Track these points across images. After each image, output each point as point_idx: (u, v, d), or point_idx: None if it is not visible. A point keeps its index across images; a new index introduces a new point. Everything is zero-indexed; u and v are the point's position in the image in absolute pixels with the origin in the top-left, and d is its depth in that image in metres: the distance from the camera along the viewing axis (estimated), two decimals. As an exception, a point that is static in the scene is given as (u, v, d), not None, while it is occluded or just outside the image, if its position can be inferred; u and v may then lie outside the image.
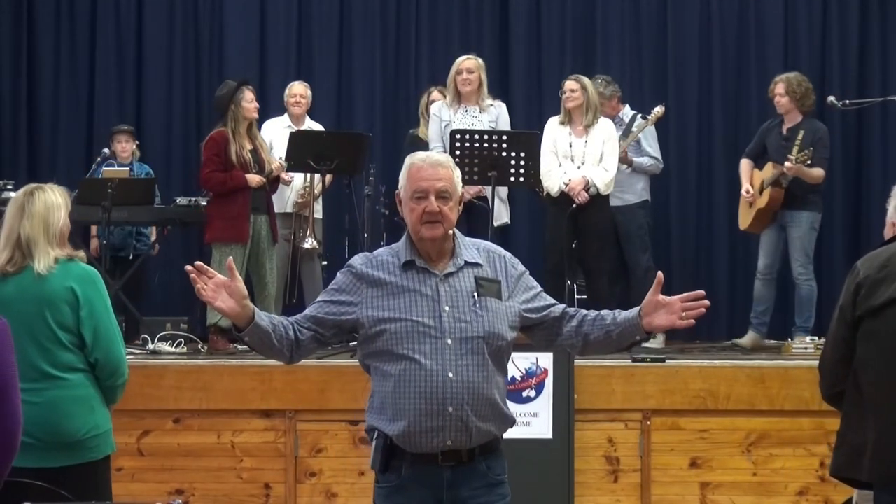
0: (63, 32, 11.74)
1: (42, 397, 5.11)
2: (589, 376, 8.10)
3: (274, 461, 8.15)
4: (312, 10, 11.71)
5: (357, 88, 11.67)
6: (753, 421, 8.13)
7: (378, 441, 4.39)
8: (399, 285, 4.39)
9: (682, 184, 11.30)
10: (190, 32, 11.76)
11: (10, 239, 5.32)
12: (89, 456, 5.29)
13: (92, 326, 5.28)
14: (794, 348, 9.25)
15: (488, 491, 4.43)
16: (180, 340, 9.19)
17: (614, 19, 11.61)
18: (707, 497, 8.15)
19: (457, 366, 4.31)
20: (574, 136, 9.23)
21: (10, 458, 4.72)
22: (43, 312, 5.23)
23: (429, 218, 4.35)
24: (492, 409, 4.38)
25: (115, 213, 9.52)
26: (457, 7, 11.68)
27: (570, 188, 9.13)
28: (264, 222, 9.28)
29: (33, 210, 5.34)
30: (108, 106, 11.64)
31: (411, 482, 4.38)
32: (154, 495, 6.58)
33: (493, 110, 9.41)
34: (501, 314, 4.41)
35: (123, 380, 5.41)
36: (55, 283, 5.27)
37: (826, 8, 11.54)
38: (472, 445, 4.36)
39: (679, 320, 4.41)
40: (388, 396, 4.35)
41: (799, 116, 9.53)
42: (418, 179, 4.39)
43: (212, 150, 9.19)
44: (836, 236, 11.19)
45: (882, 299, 4.27)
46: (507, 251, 4.60)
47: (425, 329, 4.33)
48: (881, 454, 4.25)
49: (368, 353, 4.45)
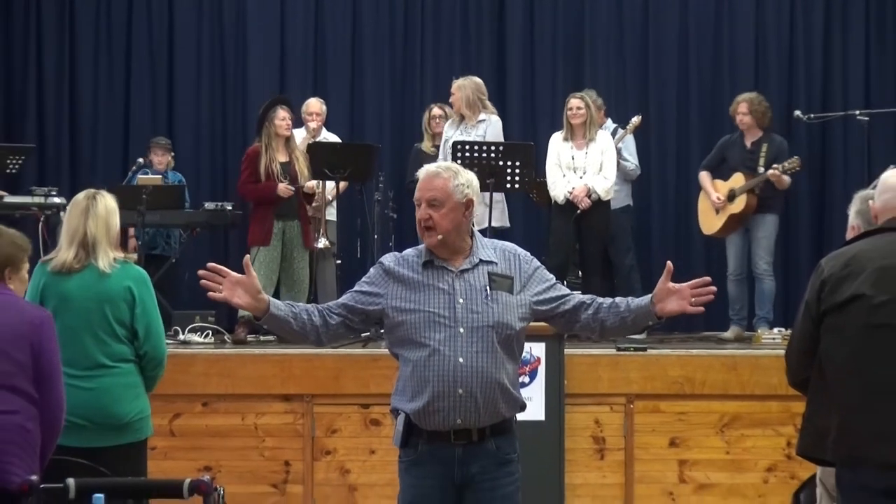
0: (101, 53, 11.73)
1: (96, 384, 5.15)
2: (578, 364, 8.11)
3: (293, 441, 8.15)
4: (327, 34, 11.70)
5: (368, 104, 11.68)
6: (727, 404, 8.13)
7: (399, 419, 4.44)
8: (419, 281, 4.44)
9: (661, 190, 11.32)
10: (216, 52, 11.75)
11: (75, 238, 5.35)
12: (133, 437, 5.36)
13: (145, 323, 5.35)
14: (763, 339, 9.28)
15: (497, 469, 4.45)
16: (208, 332, 9.22)
17: (601, 40, 11.61)
18: (685, 473, 8.15)
19: (467, 352, 4.35)
20: (575, 149, 9.32)
21: (55, 438, 4.75)
22: (103, 308, 5.29)
23: (423, 224, 4.44)
24: (500, 391, 4.40)
25: (149, 216, 9.58)
26: (458, 31, 11.68)
27: (574, 196, 9.20)
28: (296, 227, 9.32)
29: (97, 212, 5.37)
30: (143, 118, 11.63)
31: (427, 458, 4.42)
32: (184, 472, 6.60)
33: (481, 126, 9.42)
34: (512, 306, 4.45)
35: (163, 370, 5.49)
36: (115, 282, 5.32)
37: (793, 30, 11.54)
38: (481, 425, 4.39)
39: (689, 306, 4.46)
40: (408, 379, 4.41)
41: (760, 132, 9.61)
42: (417, 190, 4.48)
43: (245, 164, 9.36)
44: (801, 237, 11.21)
45: (845, 296, 4.25)
46: (522, 249, 4.62)
47: (440, 319, 4.38)
48: (844, 437, 4.23)
49: (393, 342, 4.51)
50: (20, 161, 9.92)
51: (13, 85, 11.73)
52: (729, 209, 9.51)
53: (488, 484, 4.43)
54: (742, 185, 9.41)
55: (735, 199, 9.46)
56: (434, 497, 4.43)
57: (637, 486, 8.14)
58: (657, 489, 8.16)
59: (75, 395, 4.91)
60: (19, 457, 4.52)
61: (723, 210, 9.54)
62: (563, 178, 9.27)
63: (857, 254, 4.35)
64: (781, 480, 7.91)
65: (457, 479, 4.41)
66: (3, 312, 4.57)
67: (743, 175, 9.45)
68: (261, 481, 8.13)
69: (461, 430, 4.38)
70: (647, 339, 9.20)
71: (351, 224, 10.56)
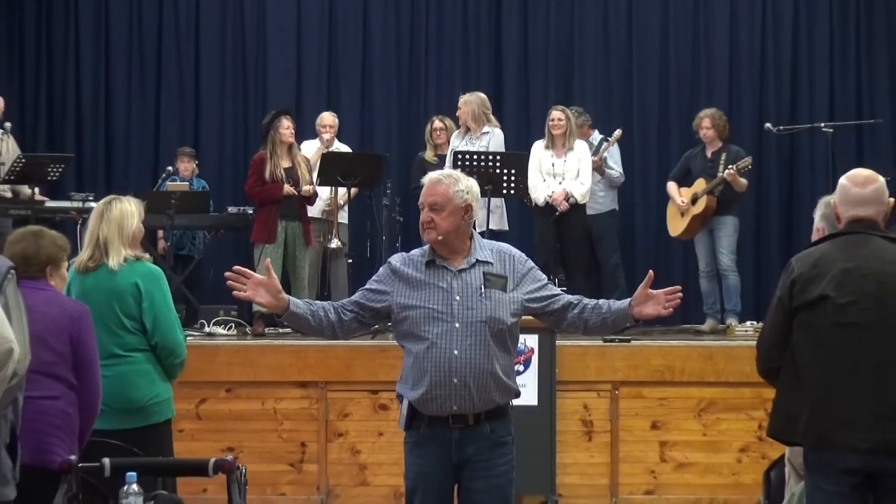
0: (134, 71, 11.72)
1: (111, 371, 5.12)
2: (568, 354, 8.11)
3: (308, 424, 8.16)
4: (339, 54, 11.68)
5: (376, 117, 11.66)
6: (703, 391, 8.12)
7: (403, 405, 4.47)
8: (421, 279, 4.47)
9: (644, 196, 11.30)
10: (239, 69, 11.74)
11: (91, 240, 5.36)
12: (152, 419, 5.32)
13: (152, 316, 5.31)
14: (736, 331, 9.29)
15: (491, 450, 4.46)
16: (231, 325, 9.23)
17: (588, 59, 11.59)
18: (665, 454, 8.15)
19: (462, 345, 4.37)
20: (555, 157, 9.34)
21: (93, 421, 4.77)
22: (112, 303, 5.26)
23: (424, 226, 4.47)
24: (493, 380, 4.41)
25: (177, 219, 9.62)
26: (458, 51, 11.66)
27: (553, 199, 9.23)
28: (297, 227, 9.31)
29: (110, 216, 5.36)
30: (171, 130, 11.62)
31: (427, 440, 4.45)
32: (209, 452, 6.60)
33: (485, 137, 9.42)
34: (504, 303, 4.46)
35: (180, 360, 5.42)
36: (123, 279, 5.30)
37: (763, 50, 11.52)
38: (476, 411, 4.40)
39: (664, 310, 4.50)
40: (410, 369, 4.44)
41: (719, 143, 9.65)
42: (421, 195, 4.51)
43: (252, 169, 9.38)
44: (772, 238, 11.20)
45: (813, 295, 4.27)
46: (518, 251, 4.64)
47: (438, 315, 4.40)
48: (814, 423, 4.25)
49: (399, 335, 4.54)
50: (60, 169, 9.92)
51: (54, 100, 11.73)
52: (692, 211, 9.54)
53: (483, 464, 4.44)
54: (703, 188, 9.44)
55: (697, 200, 9.49)
56: (434, 475, 4.45)
57: (622, 465, 8.14)
58: (640, 468, 8.16)
59: None
60: (61, 438, 4.53)
61: (686, 213, 9.57)
62: (544, 183, 9.30)
63: (823, 255, 4.36)
64: (753, 460, 7.90)
65: (454, 459, 4.43)
66: (46, 307, 4.58)
67: (704, 180, 9.50)
68: (279, 461, 8.13)
69: (458, 415, 4.39)
70: (631, 332, 9.18)
71: (361, 226, 10.57)
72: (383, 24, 11.70)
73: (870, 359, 4.22)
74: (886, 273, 4.27)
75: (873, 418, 4.20)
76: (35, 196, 9.68)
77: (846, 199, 4.42)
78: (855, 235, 4.37)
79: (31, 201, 9.59)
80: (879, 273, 4.27)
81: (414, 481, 4.50)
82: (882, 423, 4.19)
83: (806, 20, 11.54)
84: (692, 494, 8.12)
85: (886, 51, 11.48)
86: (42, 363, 4.39)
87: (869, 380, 4.22)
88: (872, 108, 11.30)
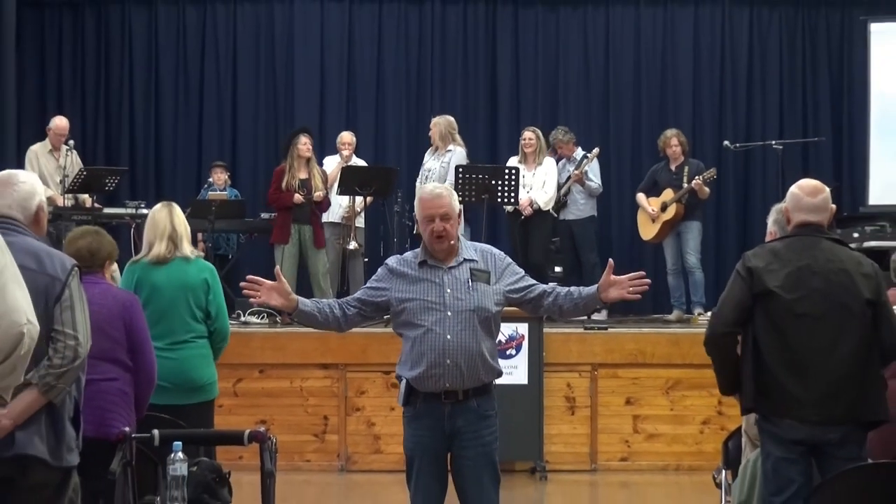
0: (179, 94, 11.71)
1: (178, 355, 5.16)
2: (554, 340, 8.13)
3: (330, 400, 8.18)
4: (357, 80, 11.66)
5: (389, 135, 11.65)
6: (671, 371, 8.15)
7: (402, 384, 4.47)
8: (416, 276, 4.46)
9: (619, 204, 11.28)
10: (270, 93, 11.73)
11: (164, 235, 5.35)
12: (205, 397, 5.38)
13: (216, 306, 5.37)
14: (699, 320, 9.29)
15: (478, 422, 4.45)
16: (263, 314, 9.20)
17: (571, 87, 11.59)
18: (638, 426, 8.17)
19: (454, 331, 4.37)
20: (526, 170, 9.41)
21: (148, 398, 4.76)
22: (186, 295, 5.30)
23: (437, 234, 4.43)
24: (480, 361, 4.41)
25: (217, 224, 9.64)
26: (459, 78, 11.65)
27: (521, 205, 9.30)
28: (308, 231, 9.32)
29: (177, 216, 5.41)
30: (211, 145, 11.61)
31: (423, 413, 4.44)
32: (244, 424, 6.62)
33: (447, 154, 9.32)
34: (488, 294, 4.45)
35: (227, 343, 5.49)
36: (195, 274, 5.34)
37: (722, 77, 11.52)
38: (465, 388, 4.39)
39: (627, 294, 4.47)
40: (408, 353, 4.44)
41: (682, 158, 9.62)
42: (426, 208, 4.46)
43: (273, 179, 9.46)
44: (730, 240, 11.18)
45: (769, 287, 4.26)
46: (498, 250, 4.65)
47: (433, 305, 4.40)
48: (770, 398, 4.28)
49: (397, 324, 4.51)
50: (116, 180, 9.93)
51: (111, 121, 11.73)
52: (662, 217, 9.53)
53: (471, 434, 4.44)
54: (672, 197, 9.43)
55: (667, 208, 9.48)
56: (430, 444, 4.45)
57: (600, 435, 8.16)
58: (616, 438, 8.18)
59: (163, 365, 4.90)
60: (119, 414, 4.53)
61: (657, 219, 9.56)
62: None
63: (779, 252, 4.36)
64: (714, 431, 7.92)
65: (447, 430, 4.42)
66: (102, 298, 4.57)
67: (672, 191, 9.48)
68: (305, 432, 8.16)
69: (449, 392, 4.39)
70: (608, 321, 9.22)
71: (375, 230, 10.55)
72: (394, 56, 11.70)
73: (817, 345, 4.23)
74: (832, 271, 4.27)
75: (820, 396, 4.21)
76: (94, 204, 9.69)
77: (798, 205, 4.41)
78: (805, 237, 4.37)
79: (90, 208, 9.60)
80: (827, 271, 4.27)
81: (412, 449, 4.50)
82: (828, 400, 4.21)
83: (759, 52, 11.54)
84: (661, 461, 8.14)
85: (828, 79, 11.50)
86: (101, 350, 4.38)
87: (817, 363, 4.22)
88: (816, 129, 11.31)
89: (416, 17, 11.69)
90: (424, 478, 4.45)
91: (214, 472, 4.48)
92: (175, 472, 4.26)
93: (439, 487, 4.47)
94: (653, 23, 11.55)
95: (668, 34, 11.55)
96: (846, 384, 4.20)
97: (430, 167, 9.35)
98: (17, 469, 3.56)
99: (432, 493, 4.46)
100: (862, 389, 4.22)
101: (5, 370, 2.85)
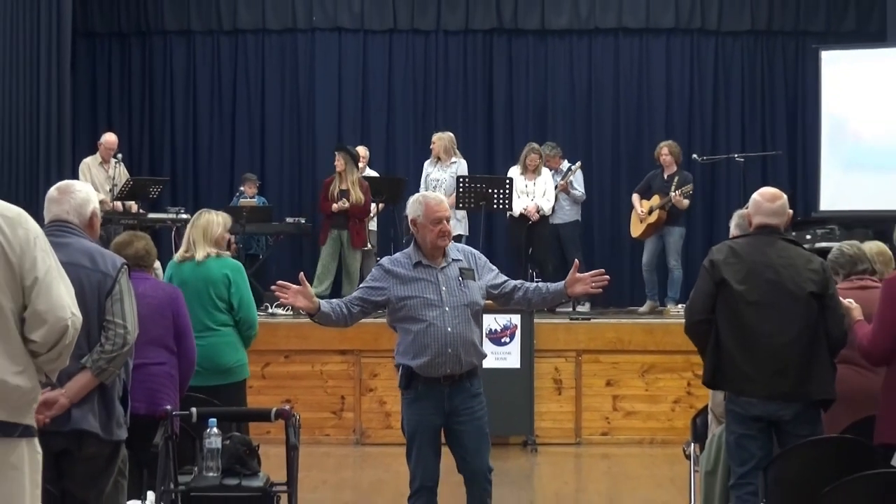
0: (214, 113, 11.68)
1: (205, 341, 5.14)
2: (543, 329, 8.13)
3: (347, 382, 8.18)
4: (371, 101, 11.62)
5: (398, 149, 11.61)
6: (646, 357, 8.15)
7: (402, 370, 4.49)
8: (413, 276, 4.48)
9: (600, 210, 11.27)
10: (294, 112, 11.68)
11: (186, 240, 5.40)
12: (233, 378, 5.34)
13: (237, 298, 5.33)
14: (671, 312, 9.28)
15: (471, 400, 4.51)
16: (289, 307, 9.19)
17: (559, 106, 11.53)
18: (617, 405, 8.17)
19: (453, 324, 4.40)
20: (527, 181, 9.41)
21: (190, 377, 4.78)
22: (208, 288, 5.28)
23: (443, 234, 4.47)
24: (474, 349, 4.48)
25: (248, 227, 9.62)
26: (460, 98, 11.61)
27: (527, 211, 9.31)
28: (346, 234, 9.26)
29: (198, 223, 5.41)
30: (242, 159, 11.57)
31: (424, 395, 4.47)
32: (272, 403, 6.60)
33: (453, 166, 9.39)
34: (476, 290, 4.51)
35: (254, 332, 5.45)
36: (215, 270, 5.32)
37: (692, 97, 11.49)
38: (461, 371, 4.44)
39: (591, 289, 4.55)
40: (411, 344, 4.45)
41: (675, 168, 9.56)
42: (435, 212, 4.49)
43: (322, 189, 9.41)
44: (698, 242, 11.09)
45: (731, 278, 4.29)
46: (474, 249, 4.73)
47: (432, 302, 4.43)
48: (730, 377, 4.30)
49: (396, 318, 4.53)
50: (159, 189, 9.95)
51: (154, 137, 11.72)
52: (647, 220, 9.51)
53: (466, 411, 4.49)
54: (657, 203, 9.42)
55: (652, 213, 9.47)
56: (430, 422, 4.47)
57: (584, 413, 8.16)
58: (597, 415, 8.18)
59: None
60: (166, 394, 4.53)
61: (644, 220, 9.55)
62: (518, 199, 9.31)
63: (740, 249, 4.39)
64: (684, 409, 7.91)
65: (445, 409, 4.46)
66: (152, 292, 4.59)
67: (659, 196, 9.46)
68: (324, 410, 8.16)
69: (448, 376, 4.42)
70: (591, 312, 9.22)
71: (386, 232, 10.52)
72: (403, 80, 11.67)
73: (767, 329, 4.25)
74: (783, 266, 4.30)
75: (769, 373, 4.23)
76: (139, 209, 9.70)
77: (758, 210, 4.43)
78: (763, 237, 4.39)
79: (136, 214, 9.61)
80: (778, 266, 4.30)
81: (414, 427, 4.50)
82: (775, 376, 4.23)
83: (724, 77, 11.51)
84: (637, 435, 8.14)
85: (784, 100, 11.46)
86: (152, 337, 4.41)
87: (766, 344, 4.24)
88: (774, 143, 11.29)
89: (422, 47, 11.66)
90: (425, 450, 4.47)
91: (245, 445, 4.48)
92: (210, 445, 4.29)
93: (436, 458, 4.52)
94: (630, 51, 11.53)
95: (643, 61, 11.52)
96: (792, 363, 4.23)
97: (438, 177, 9.39)
98: (74, 442, 3.60)
99: (431, 464, 4.49)
100: (809, 369, 4.23)
101: (52, 356, 2.89)
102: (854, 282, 4.62)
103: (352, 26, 11.58)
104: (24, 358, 2.86)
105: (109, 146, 9.74)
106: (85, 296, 3.46)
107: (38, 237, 2.92)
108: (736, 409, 4.32)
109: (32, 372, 2.89)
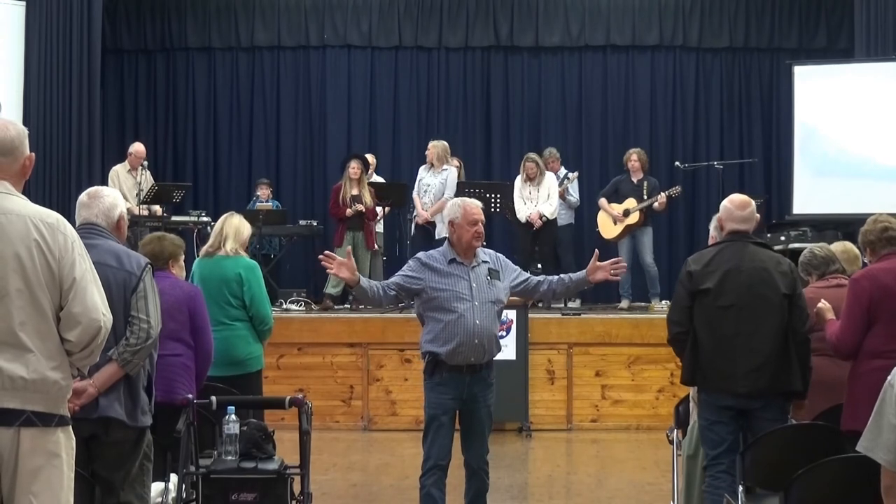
0: (233, 123, 11.67)
1: (220, 335, 5.11)
2: (537, 323, 8.13)
3: (355, 372, 8.17)
4: (377, 114, 11.61)
5: (403, 157, 11.58)
6: (632, 349, 8.15)
7: (428, 358, 4.54)
8: (447, 271, 4.55)
9: (591, 215, 11.21)
10: (306, 122, 11.67)
11: (217, 234, 5.38)
12: (248, 369, 5.32)
13: (250, 295, 5.31)
14: (655, 308, 9.25)
15: (487, 388, 4.59)
16: (301, 303, 9.23)
17: (552, 118, 11.52)
18: (605, 393, 8.17)
19: (480, 317, 4.48)
20: (531, 188, 9.35)
21: (207, 369, 4.77)
22: (222, 286, 5.27)
23: (478, 235, 4.58)
24: (495, 341, 4.57)
25: (263, 229, 9.58)
26: (461, 110, 11.61)
27: (530, 218, 9.25)
28: (360, 236, 9.20)
29: (233, 221, 5.41)
30: (258, 166, 11.54)
31: (446, 381, 4.53)
32: (286, 392, 6.62)
33: (444, 173, 9.31)
34: (501, 289, 4.60)
35: (269, 327, 5.42)
36: (230, 269, 5.30)
37: (674, 109, 11.49)
38: (483, 361, 4.51)
39: (610, 275, 4.66)
40: (440, 333, 4.49)
41: (642, 173, 9.49)
42: (473, 214, 4.61)
43: (332, 195, 9.34)
44: (681, 243, 11.13)
45: (705, 286, 4.29)
46: (500, 253, 4.79)
47: (463, 296, 4.50)
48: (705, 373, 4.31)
49: (428, 308, 4.57)
50: (182, 194, 9.95)
51: (178, 146, 11.72)
52: (626, 221, 9.41)
53: (481, 397, 4.57)
54: (636, 206, 9.33)
55: (630, 214, 9.39)
56: (450, 405, 4.55)
57: (575, 401, 8.16)
58: (587, 403, 8.18)
59: None
60: (183, 384, 4.52)
61: (621, 222, 9.46)
62: (525, 206, 9.29)
63: (714, 257, 4.38)
64: (667, 398, 7.90)
65: (464, 396, 4.52)
66: (171, 290, 4.57)
67: (634, 200, 9.37)
68: (335, 398, 8.16)
69: (471, 365, 4.49)
70: (581, 307, 9.21)
71: (392, 234, 10.51)
72: (407, 93, 11.66)
73: (743, 330, 4.25)
74: (756, 269, 4.30)
75: (747, 371, 4.23)
76: (164, 213, 9.70)
77: (729, 216, 4.44)
78: (735, 243, 4.38)
79: (161, 217, 9.60)
80: (751, 270, 4.31)
81: (435, 409, 4.55)
82: (752, 374, 4.23)
83: (704, 90, 11.51)
84: (624, 422, 8.14)
85: (760, 111, 11.44)
86: (170, 331, 4.39)
87: (743, 345, 4.24)
88: (750, 151, 11.26)
89: (426, 62, 11.66)
90: (442, 431, 4.54)
91: (261, 431, 4.47)
92: (229, 430, 4.28)
93: (450, 438, 4.58)
94: (617, 66, 11.51)
95: (630, 75, 11.51)
96: (768, 361, 4.23)
97: (429, 182, 9.34)
98: (101, 428, 3.60)
99: (446, 443, 4.56)
100: (781, 365, 4.23)
101: (85, 354, 2.91)
102: (829, 280, 4.67)
103: (360, 43, 11.58)
104: (60, 354, 2.89)
105: (139, 155, 9.74)
106: (111, 293, 3.45)
107: (75, 242, 2.94)
108: (709, 400, 4.33)
109: (66, 366, 2.91)
